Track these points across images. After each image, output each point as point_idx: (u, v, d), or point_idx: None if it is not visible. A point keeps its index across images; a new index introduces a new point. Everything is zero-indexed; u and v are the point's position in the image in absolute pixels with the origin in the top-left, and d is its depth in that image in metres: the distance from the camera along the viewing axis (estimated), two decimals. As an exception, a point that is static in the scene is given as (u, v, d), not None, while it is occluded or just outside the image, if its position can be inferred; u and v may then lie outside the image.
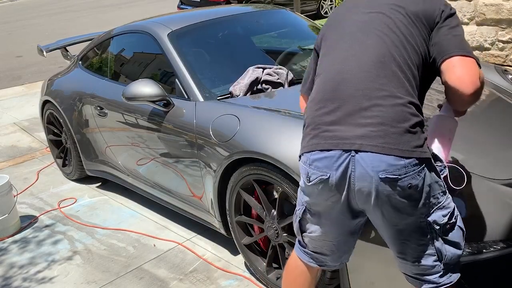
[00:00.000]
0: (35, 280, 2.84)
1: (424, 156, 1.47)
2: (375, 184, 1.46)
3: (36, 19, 16.14)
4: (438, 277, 1.60)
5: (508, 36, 4.83)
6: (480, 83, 1.51)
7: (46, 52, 4.44)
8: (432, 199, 1.51)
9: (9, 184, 3.36)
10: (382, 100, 1.49)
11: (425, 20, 1.60)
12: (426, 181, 1.48)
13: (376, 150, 1.45)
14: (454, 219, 1.57)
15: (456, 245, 1.58)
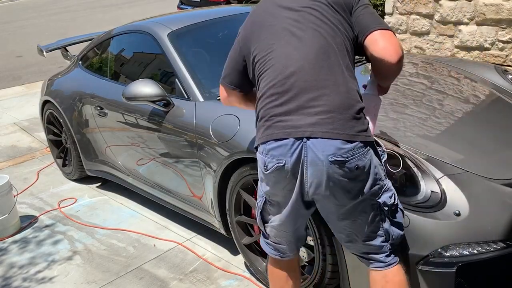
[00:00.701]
0: (35, 280, 2.84)
1: (368, 140, 1.62)
2: (326, 168, 1.58)
3: (36, 19, 16.14)
4: (384, 256, 1.73)
5: (508, 36, 4.83)
6: (402, 51, 1.65)
7: (46, 52, 4.43)
8: (379, 181, 1.66)
9: (9, 184, 3.35)
10: (328, 90, 1.61)
11: (346, 6, 1.74)
12: (372, 163, 1.63)
13: (325, 135, 1.57)
14: (397, 201, 1.72)
15: (400, 226, 1.73)
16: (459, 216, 1.84)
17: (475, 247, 1.79)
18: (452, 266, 1.77)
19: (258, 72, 1.76)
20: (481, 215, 1.86)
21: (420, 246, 1.81)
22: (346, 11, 1.73)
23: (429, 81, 2.86)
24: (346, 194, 1.62)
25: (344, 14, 1.72)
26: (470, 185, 1.95)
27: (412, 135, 2.23)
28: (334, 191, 1.62)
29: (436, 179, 1.95)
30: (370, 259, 1.75)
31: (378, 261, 1.74)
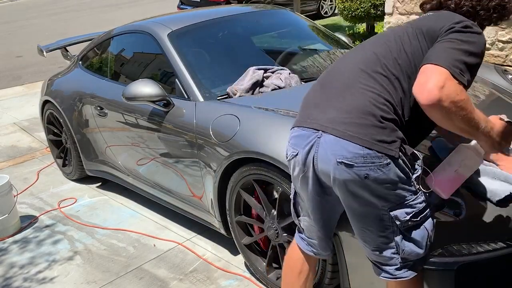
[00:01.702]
0: (35, 280, 2.84)
1: (389, 153, 1.50)
2: (333, 167, 1.54)
3: (36, 19, 16.14)
4: (394, 269, 1.66)
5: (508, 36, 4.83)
6: (445, 95, 1.40)
7: (46, 52, 4.44)
8: (396, 196, 1.55)
9: (9, 184, 3.36)
10: (357, 91, 1.56)
11: (429, 34, 1.59)
12: (389, 176, 1.52)
13: (338, 134, 1.53)
14: (420, 219, 1.60)
15: (417, 243, 1.62)
16: (459, 216, 1.84)
17: (475, 247, 1.79)
18: (452, 266, 1.77)
19: None
20: (481, 215, 1.85)
21: (420, 246, 1.81)
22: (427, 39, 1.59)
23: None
24: (354, 199, 1.58)
25: (422, 40, 1.60)
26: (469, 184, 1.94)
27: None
28: (340, 192, 1.60)
29: (436, 179, 1.94)
30: (380, 268, 1.71)
31: (387, 272, 1.70)
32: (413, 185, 1.58)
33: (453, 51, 1.49)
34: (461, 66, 1.46)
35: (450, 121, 1.46)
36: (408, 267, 1.67)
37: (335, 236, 2.02)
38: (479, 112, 1.51)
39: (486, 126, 1.53)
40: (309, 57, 3.31)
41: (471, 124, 1.48)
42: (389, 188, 1.54)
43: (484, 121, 1.52)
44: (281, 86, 2.77)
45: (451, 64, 1.45)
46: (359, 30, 7.81)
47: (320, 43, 3.54)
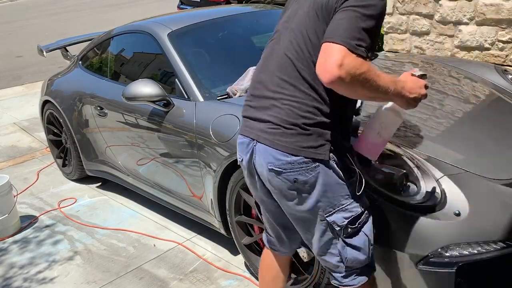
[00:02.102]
0: (35, 280, 2.84)
1: (317, 157, 1.55)
2: (266, 174, 1.62)
3: (36, 19, 16.14)
4: (341, 277, 1.70)
5: (508, 36, 4.83)
6: (339, 67, 1.38)
7: (46, 52, 4.43)
8: (330, 199, 1.59)
9: (9, 184, 3.35)
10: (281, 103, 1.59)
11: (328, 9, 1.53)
12: (320, 180, 1.57)
13: (267, 143, 1.60)
14: (359, 224, 1.63)
15: (359, 249, 1.64)
16: (459, 216, 1.84)
17: (475, 247, 1.79)
18: (452, 266, 1.77)
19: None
20: (481, 215, 1.85)
21: (420, 246, 1.81)
22: (327, 16, 1.53)
23: (429, 81, 2.85)
24: (289, 203, 1.64)
25: (324, 20, 1.54)
26: (470, 185, 1.95)
27: (412, 135, 2.23)
28: (276, 196, 1.67)
29: (436, 179, 1.95)
30: (331, 274, 1.74)
31: (335, 279, 1.73)
32: (349, 189, 1.61)
33: (348, 22, 1.44)
34: (359, 35, 1.43)
35: (356, 93, 1.47)
36: (356, 274, 1.68)
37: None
38: (385, 77, 1.49)
39: (396, 87, 1.52)
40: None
41: (378, 91, 1.47)
42: (321, 190, 1.58)
43: (393, 83, 1.51)
44: None
45: (347, 38, 1.42)
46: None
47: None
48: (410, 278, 1.85)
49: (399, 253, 1.84)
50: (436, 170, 1.99)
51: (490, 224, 1.84)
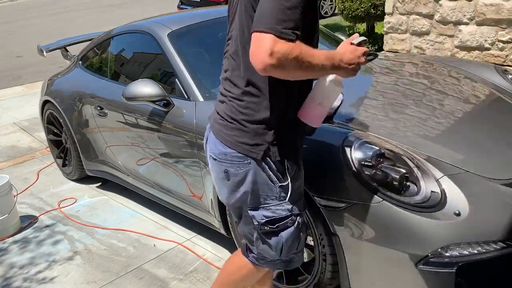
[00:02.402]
0: (35, 280, 2.84)
1: (250, 155, 1.64)
2: (208, 159, 1.79)
3: (36, 19, 16.14)
4: (252, 256, 1.85)
5: (508, 36, 4.83)
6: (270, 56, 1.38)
7: (46, 52, 4.43)
8: (255, 196, 1.70)
9: (9, 184, 3.35)
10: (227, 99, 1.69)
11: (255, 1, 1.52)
12: (249, 176, 1.67)
13: (214, 132, 1.73)
14: (278, 227, 1.72)
15: (270, 247, 1.76)
16: (459, 216, 1.84)
17: (475, 247, 1.79)
18: (452, 266, 1.77)
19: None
20: (481, 215, 1.86)
21: (420, 246, 1.81)
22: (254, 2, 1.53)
23: (429, 81, 2.86)
24: (222, 188, 1.78)
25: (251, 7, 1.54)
26: (470, 185, 1.95)
27: (412, 135, 2.23)
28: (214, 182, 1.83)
29: (436, 179, 1.95)
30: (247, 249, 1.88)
31: (249, 256, 1.87)
32: (278, 191, 1.68)
33: (271, 6, 1.42)
34: (284, 17, 1.41)
35: (293, 75, 1.48)
36: (262, 260, 1.84)
37: (335, 236, 2.03)
38: (320, 54, 1.49)
39: (333, 62, 1.52)
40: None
41: (315, 70, 1.48)
42: (249, 186, 1.68)
43: (329, 59, 1.51)
44: None
45: (273, 25, 1.40)
46: (359, 30, 7.81)
47: (320, 43, 3.53)
48: (410, 278, 1.85)
49: (399, 253, 1.84)
50: (436, 170, 1.99)
51: (490, 224, 1.84)
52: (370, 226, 1.90)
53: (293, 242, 1.78)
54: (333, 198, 1.97)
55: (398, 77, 2.92)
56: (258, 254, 1.82)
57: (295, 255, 1.84)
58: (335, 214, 1.98)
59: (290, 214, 1.72)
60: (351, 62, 1.56)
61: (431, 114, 2.43)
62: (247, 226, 1.79)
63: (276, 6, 1.42)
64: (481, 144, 2.22)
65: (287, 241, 1.75)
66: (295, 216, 1.74)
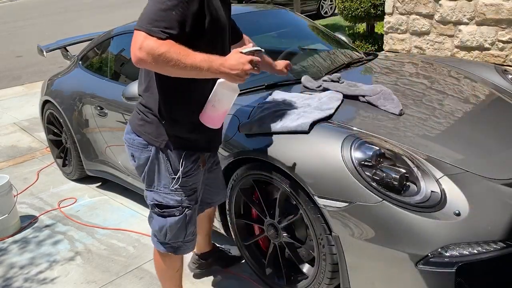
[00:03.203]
0: (35, 280, 2.84)
1: (152, 143, 1.90)
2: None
3: (36, 19, 16.14)
4: (152, 237, 2.10)
5: (508, 36, 4.84)
6: (145, 54, 1.59)
7: (46, 52, 4.43)
8: (150, 179, 1.97)
9: (9, 184, 3.35)
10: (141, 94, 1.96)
11: None
12: (149, 162, 1.94)
13: (129, 120, 2.02)
14: (165, 212, 1.98)
15: (156, 227, 2.03)
16: (459, 216, 1.84)
17: (475, 247, 1.79)
18: (452, 266, 1.77)
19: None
20: (481, 215, 1.86)
21: (420, 246, 1.81)
22: None
23: (429, 81, 2.86)
24: (136, 168, 2.03)
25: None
26: (470, 185, 1.95)
27: (412, 135, 2.23)
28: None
29: (436, 179, 1.95)
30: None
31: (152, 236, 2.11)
32: (170, 182, 1.93)
33: (149, 8, 1.65)
34: (157, 18, 1.61)
35: (165, 70, 1.66)
36: (158, 241, 2.06)
37: (335, 236, 2.03)
38: (196, 56, 1.62)
39: (211, 66, 1.63)
40: (309, 57, 3.31)
41: (187, 69, 1.62)
42: (147, 169, 1.95)
43: (206, 62, 1.63)
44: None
45: (146, 24, 1.62)
46: (359, 30, 7.81)
47: (320, 43, 3.54)
48: (410, 278, 1.85)
49: (399, 253, 1.84)
50: (436, 170, 1.99)
51: (490, 224, 1.84)
52: (370, 226, 1.90)
53: (179, 230, 2.01)
54: (333, 198, 1.97)
55: (398, 77, 2.92)
56: (153, 234, 2.08)
57: (182, 243, 2.06)
58: (335, 214, 1.98)
59: (178, 205, 1.97)
60: (234, 68, 1.64)
61: (431, 114, 2.43)
62: (147, 203, 2.06)
63: (152, 8, 1.64)
64: (481, 144, 2.22)
65: (171, 228, 2.00)
66: (184, 208, 1.98)
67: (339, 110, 2.35)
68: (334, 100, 2.39)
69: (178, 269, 2.23)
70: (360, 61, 3.23)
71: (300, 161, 2.06)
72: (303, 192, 2.09)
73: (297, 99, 2.44)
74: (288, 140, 2.14)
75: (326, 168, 2.00)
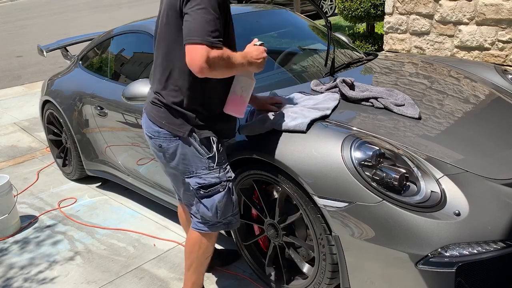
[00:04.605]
0: (35, 280, 2.84)
1: (177, 133, 2.03)
2: (146, 138, 2.16)
3: (36, 19, 16.14)
4: (196, 222, 2.21)
5: (508, 36, 4.84)
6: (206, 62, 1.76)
7: (46, 52, 4.44)
8: (187, 166, 2.08)
9: (9, 184, 3.36)
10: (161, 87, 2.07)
11: (173, 9, 1.91)
12: (179, 150, 2.06)
13: (146, 112, 2.14)
14: (210, 192, 2.09)
15: (207, 209, 2.12)
16: (459, 216, 1.84)
17: (475, 247, 1.79)
18: (452, 266, 1.77)
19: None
20: (481, 215, 1.86)
21: (420, 246, 1.81)
22: (176, 13, 1.91)
23: (429, 81, 2.86)
24: (160, 162, 2.17)
25: (173, 17, 1.93)
26: (470, 185, 1.95)
27: (412, 135, 2.23)
28: (155, 155, 2.18)
29: (436, 179, 1.95)
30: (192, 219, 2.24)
31: (194, 223, 2.22)
32: (207, 162, 2.07)
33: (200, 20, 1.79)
34: (211, 28, 1.78)
35: (224, 74, 1.91)
36: (207, 224, 2.18)
37: (335, 236, 2.03)
38: (237, 55, 1.91)
39: (247, 59, 1.94)
40: (309, 57, 3.31)
41: (238, 67, 1.91)
42: (180, 158, 2.07)
43: (243, 57, 1.93)
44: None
45: (204, 35, 1.77)
46: (359, 30, 7.81)
47: (320, 43, 3.54)
48: (410, 278, 1.85)
49: (399, 253, 1.84)
50: (436, 170, 1.99)
51: (490, 224, 1.84)
52: (370, 226, 1.90)
53: (226, 204, 2.13)
54: (333, 198, 1.97)
55: (398, 77, 2.92)
56: (201, 218, 2.17)
57: (232, 217, 2.18)
58: (335, 214, 1.98)
59: (219, 180, 2.10)
60: (258, 57, 1.98)
61: (431, 114, 2.43)
62: (187, 193, 2.16)
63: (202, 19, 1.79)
64: (481, 144, 2.22)
65: (220, 203, 2.11)
66: (225, 182, 2.11)
67: (339, 110, 2.35)
68: (332, 100, 2.40)
69: (209, 256, 2.32)
70: (360, 61, 3.23)
71: (300, 161, 2.06)
72: (303, 192, 2.09)
73: (296, 99, 2.44)
74: (288, 140, 2.14)
75: (326, 168, 2.00)
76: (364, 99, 2.48)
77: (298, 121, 2.14)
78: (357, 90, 2.55)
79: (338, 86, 2.55)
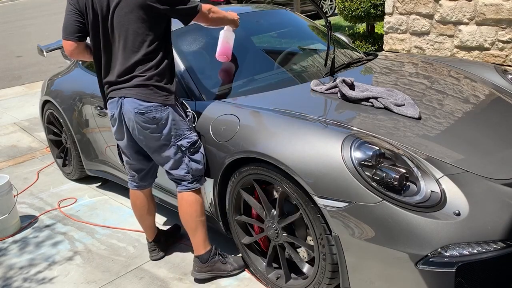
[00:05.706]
0: (35, 280, 2.84)
1: (166, 103, 2.37)
2: (133, 116, 2.36)
3: (36, 19, 16.14)
4: (187, 183, 2.49)
5: (508, 36, 4.84)
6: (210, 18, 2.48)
7: (46, 52, 4.43)
8: (178, 130, 2.41)
9: (9, 184, 3.36)
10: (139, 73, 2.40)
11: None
12: (170, 117, 2.38)
13: (132, 96, 2.35)
14: (197, 147, 2.46)
15: (198, 162, 2.47)
16: (459, 216, 1.84)
17: (475, 247, 1.79)
18: (452, 266, 1.78)
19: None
20: (481, 215, 1.86)
21: (420, 246, 1.81)
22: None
23: (429, 81, 2.86)
24: (150, 135, 2.39)
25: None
26: (470, 185, 1.95)
27: (412, 135, 2.23)
28: (142, 134, 2.39)
29: (436, 179, 1.95)
30: (177, 184, 2.52)
31: (183, 186, 2.49)
32: (187, 123, 2.46)
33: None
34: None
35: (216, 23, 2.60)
36: (196, 181, 2.50)
37: (335, 236, 2.03)
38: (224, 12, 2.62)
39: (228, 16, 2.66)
40: (309, 57, 3.31)
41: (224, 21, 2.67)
42: (171, 124, 2.38)
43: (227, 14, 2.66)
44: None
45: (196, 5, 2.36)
46: (359, 30, 7.81)
47: (320, 43, 3.54)
48: (410, 278, 1.85)
49: (399, 253, 1.84)
50: (436, 170, 1.99)
51: (490, 224, 1.84)
52: (370, 226, 1.90)
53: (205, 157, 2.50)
54: (333, 198, 1.97)
55: (398, 77, 2.92)
56: (193, 177, 2.47)
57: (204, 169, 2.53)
58: (335, 214, 1.98)
59: (198, 137, 2.49)
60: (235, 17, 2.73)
61: (431, 114, 2.44)
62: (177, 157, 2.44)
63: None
64: (481, 144, 2.23)
65: (204, 154, 2.50)
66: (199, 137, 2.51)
67: (339, 110, 2.35)
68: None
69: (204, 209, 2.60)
70: (360, 61, 3.23)
71: (300, 161, 2.06)
72: (303, 192, 2.09)
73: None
74: (288, 140, 2.14)
75: (326, 168, 2.00)
76: (364, 99, 2.48)
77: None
78: (357, 90, 2.55)
79: (338, 86, 2.55)
